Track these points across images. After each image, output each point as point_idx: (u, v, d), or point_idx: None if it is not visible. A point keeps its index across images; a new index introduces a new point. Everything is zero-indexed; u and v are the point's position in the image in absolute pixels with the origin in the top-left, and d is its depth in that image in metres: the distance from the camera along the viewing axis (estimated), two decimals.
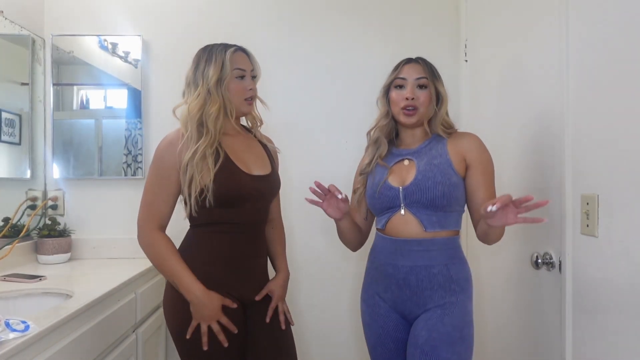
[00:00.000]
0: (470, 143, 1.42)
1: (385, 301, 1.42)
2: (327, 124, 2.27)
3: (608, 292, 1.20)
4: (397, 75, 1.46)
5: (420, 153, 1.45)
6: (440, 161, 1.39)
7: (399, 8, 2.27)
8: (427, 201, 1.35)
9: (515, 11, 1.72)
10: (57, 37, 2.21)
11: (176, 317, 1.39)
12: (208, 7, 2.26)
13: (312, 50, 2.28)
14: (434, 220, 1.36)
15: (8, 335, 1.07)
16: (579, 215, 1.31)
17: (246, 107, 1.47)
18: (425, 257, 1.36)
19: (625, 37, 1.14)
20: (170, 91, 2.03)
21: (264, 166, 1.51)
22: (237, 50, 1.46)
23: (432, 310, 1.35)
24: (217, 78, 1.40)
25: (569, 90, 1.36)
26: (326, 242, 2.25)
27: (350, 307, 2.27)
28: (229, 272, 1.42)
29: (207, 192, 1.35)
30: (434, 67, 1.48)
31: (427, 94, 1.43)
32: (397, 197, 1.39)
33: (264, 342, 1.45)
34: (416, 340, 1.34)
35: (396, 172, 1.44)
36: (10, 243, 1.91)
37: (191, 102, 1.40)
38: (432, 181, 1.36)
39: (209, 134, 1.38)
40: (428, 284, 1.36)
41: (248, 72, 1.46)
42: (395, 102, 1.44)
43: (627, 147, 1.13)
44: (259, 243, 1.51)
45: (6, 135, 2.00)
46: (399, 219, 1.40)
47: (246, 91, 1.45)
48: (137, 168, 2.23)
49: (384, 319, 1.42)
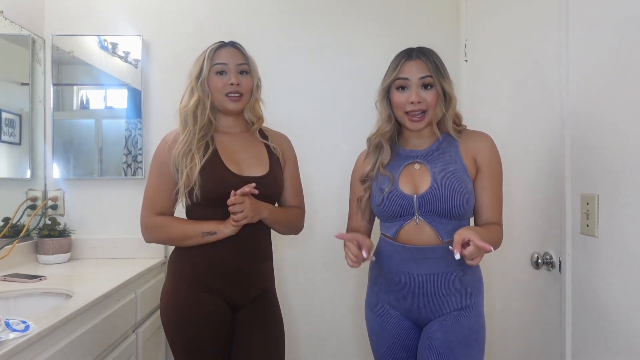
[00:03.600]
0: (482, 144, 1.33)
1: (397, 309, 1.34)
2: (326, 124, 2.27)
3: (608, 292, 1.20)
4: (397, 75, 1.30)
5: (432, 156, 1.33)
6: (456, 167, 1.29)
7: (398, 8, 2.27)
8: (443, 211, 1.26)
9: (515, 11, 1.72)
10: (57, 37, 2.21)
11: (169, 311, 1.40)
12: (208, 7, 2.26)
13: (312, 51, 2.27)
14: (450, 229, 1.26)
15: (8, 335, 1.07)
16: (579, 215, 1.30)
17: (230, 103, 1.42)
18: (442, 264, 1.27)
19: (626, 37, 1.14)
20: (170, 91, 2.04)
21: (259, 167, 1.45)
22: (221, 46, 1.45)
23: (449, 313, 1.29)
24: (197, 74, 1.42)
25: (568, 90, 1.36)
26: (326, 243, 2.25)
27: (351, 310, 2.28)
28: (216, 275, 1.40)
29: (194, 187, 1.35)
30: (438, 61, 1.32)
31: (434, 94, 1.29)
32: (410, 206, 1.28)
33: (254, 344, 1.42)
34: (430, 342, 1.26)
35: (407, 177, 1.32)
36: (10, 243, 1.91)
37: (181, 99, 1.45)
38: (450, 190, 1.26)
39: (188, 127, 1.40)
40: (445, 290, 1.28)
41: (232, 66, 1.42)
42: (399, 106, 1.31)
43: (627, 147, 1.13)
44: (255, 247, 1.45)
45: (6, 135, 2.00)
46: (412, 227, 1.29)
47: (226, 86, 1.41)
48: (137, 168, 2.23)
49: (395, 328, 1.34)
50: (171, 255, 1.48)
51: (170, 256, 1.48)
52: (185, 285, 1.40)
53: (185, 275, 1.40)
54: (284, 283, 2.24)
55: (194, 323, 1.37)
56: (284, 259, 2.23)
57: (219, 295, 1.40)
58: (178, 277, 1.42)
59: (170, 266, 1.46)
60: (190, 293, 1.39)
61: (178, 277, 1.42)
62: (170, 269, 1.45)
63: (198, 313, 1.37)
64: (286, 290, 2.25)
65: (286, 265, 2.24)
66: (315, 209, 2.07)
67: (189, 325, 1.36)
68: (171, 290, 1.42)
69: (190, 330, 1.36)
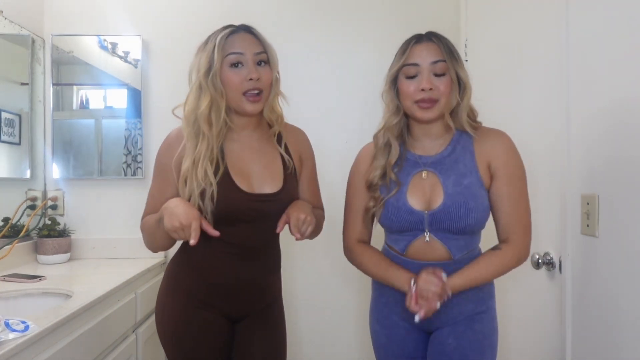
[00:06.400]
0: (498, 147, 1.19)
1: (406, 320, 1.23)
2: (326, 124, 2.26)
3: (608, 292, 1.20)
4: (406, 61, 1.16)
5: (444, 165, 1.20)
6: (471, 181, 1.17)
7: (398, 8, 2.27)
8: (457, 229, 1.16)
9: (515, 11, 1.72)
10: (57, 37, 2.20)
11: (164, 325, 1.33)
12: (208, 7, 2.26)
13: (312, 51, 2.27)
14: (462, 245, 1.19)
15: (8, 335, 1.06)
16: (579, 215, 1.30)
17: (249, 104, 1.19)
18: None
19: (626, 37, 1.14)
20: (170, 91, 2.04)
21: (272, 182, 1.27)
22: (233, 31, 1.20)
23: (461, 320, 1.22)
24: (206, 68, 1.17)
25: (569, 89, 1.36)
26: (329, 245, 2.25)
27: (355, 315, 2.27)
28: (213, 291, 1.28)
29: (202, 209, 1.18)
30: (451, 45, 1.18)
31: (447, 81, 1.14)
32: (420, 222, 1.18)
33: (255, 353, 1.34)
34: (443, 348, 1.20)
35: (416, 189, 1.20)
36: (10, 243, 1.91)
37: (186, 100, 1.22)
38: (465, 208, 1.14)
39: (204, 138, 1.18)
40: (456, 300, 1.18)
41: (249, 56, 1.18)
42: (408, 95, 1.16)
43: (627, 147, 1.13)
44: (263, 262, 1.32)
45: (6, 135, 2.00)
46: (422, 244, 1.19)
47: (244, 82, 1.18)
48: (137, 168, 2.23)
49: (403, 340, 1.26)
50: (168, 265, 1.37)
51: (167, 265, 1.38)
52: (180, 300, 1.29)
53: (181, 288, 1.30)
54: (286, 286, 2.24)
55: (189, 341, 1.28)
56: (285, 261, 2.22)
57: (216, 309, 1.29)
58: (174, 290, 1.32)
59: (166, 276, 1.36)
60: (185, 309, 1.29)
61: (174, 290, 1.32)
62: (166, 279, 1.35)
63: (193, 331, 1.28)
64: (289, 294, 2.24)
65: (289, 267, 2.23)
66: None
67: (185, 343, 1.29)
68: (166, 304, 1.32)
69: (187, 345, 1.29)
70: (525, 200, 1.21)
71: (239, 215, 1.23)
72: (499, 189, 1.18)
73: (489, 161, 1.19)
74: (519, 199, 1.19)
